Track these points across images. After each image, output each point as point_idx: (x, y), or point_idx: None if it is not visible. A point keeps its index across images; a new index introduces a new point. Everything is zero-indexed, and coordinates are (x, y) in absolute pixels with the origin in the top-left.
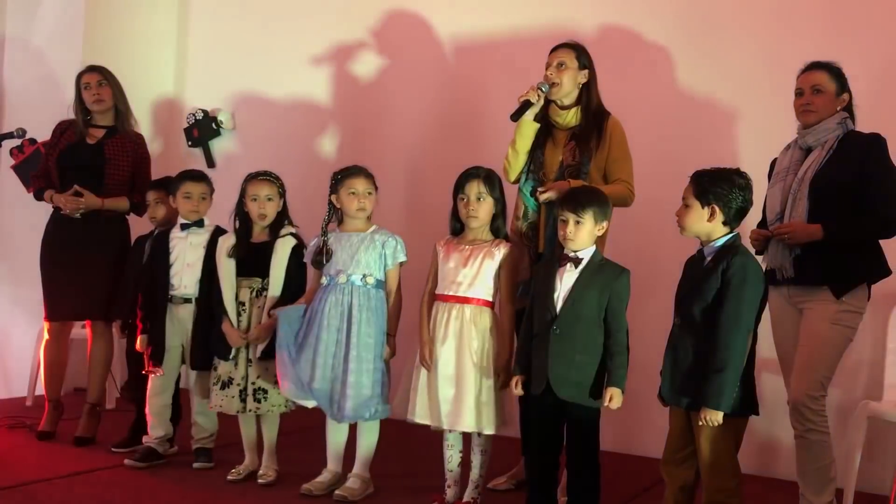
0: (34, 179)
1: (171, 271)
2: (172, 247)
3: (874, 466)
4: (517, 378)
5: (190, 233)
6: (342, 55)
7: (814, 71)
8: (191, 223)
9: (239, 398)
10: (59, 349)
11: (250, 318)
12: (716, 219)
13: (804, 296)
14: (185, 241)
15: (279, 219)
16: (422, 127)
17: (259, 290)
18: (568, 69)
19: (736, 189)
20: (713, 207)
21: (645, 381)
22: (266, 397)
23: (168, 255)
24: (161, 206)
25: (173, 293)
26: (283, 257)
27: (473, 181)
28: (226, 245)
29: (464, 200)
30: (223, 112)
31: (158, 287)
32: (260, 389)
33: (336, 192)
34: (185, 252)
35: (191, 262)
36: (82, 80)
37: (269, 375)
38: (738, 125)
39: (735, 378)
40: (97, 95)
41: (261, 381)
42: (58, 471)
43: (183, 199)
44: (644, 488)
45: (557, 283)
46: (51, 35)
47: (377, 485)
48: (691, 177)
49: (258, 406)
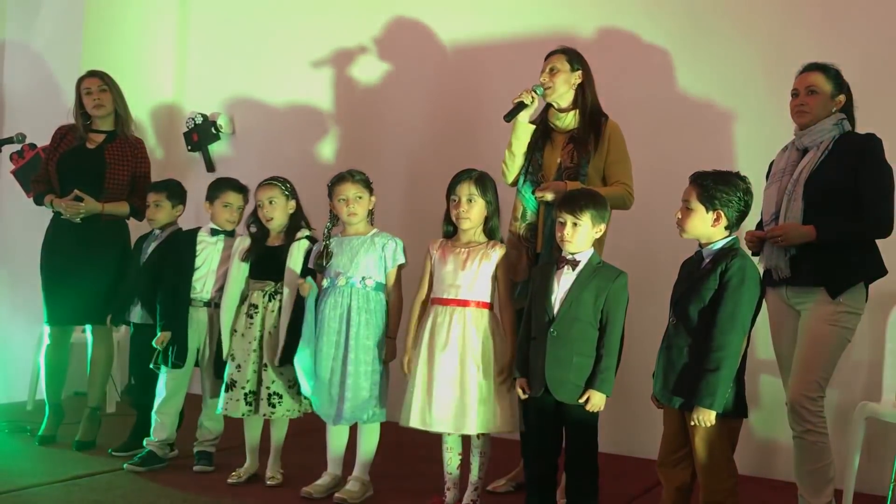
0: (34, 184)
1: (196, 274)
2: (200, 250)
3: (873, 467)
4: (518, 380)
5: (219, 239)
6: (341, 59)
7: (809, 72)
8: (221, 231)
9: (244, 401)
10: (60, 353)
11: (263, 320)
12: (720, 223)
13: (801, 296)
14: (213, 248)
15: (293, 222)
16: (421, 131)
17: (272, 293)
18: (560, 73)
19: (740, 193)
20: (719, 213)
21: (643, 383)
22: (281, 402)
23: (194, 258)
24: (160, 208)
25: (194, 296)
26: (298, 260)
27: (465, 183)
28: (240, 248)
29: (455, 202)
30: (222, 116)
31: (181, 289)
32: (275, 394)
33: (331, 200)
34: (213, 258)
35: (215, 270)
36: (83, 85)
37: (284, 380)
38: (735, 127)
39: (729, 379)
40: (98, 101)
41: (276, 385)
42: (58, 475)
43: (222, 207)
44: (643, 490)
45: (555, 286)
46: (50, 40)
47: (377, 487)
48: (692, 179)
49: (273, 411)
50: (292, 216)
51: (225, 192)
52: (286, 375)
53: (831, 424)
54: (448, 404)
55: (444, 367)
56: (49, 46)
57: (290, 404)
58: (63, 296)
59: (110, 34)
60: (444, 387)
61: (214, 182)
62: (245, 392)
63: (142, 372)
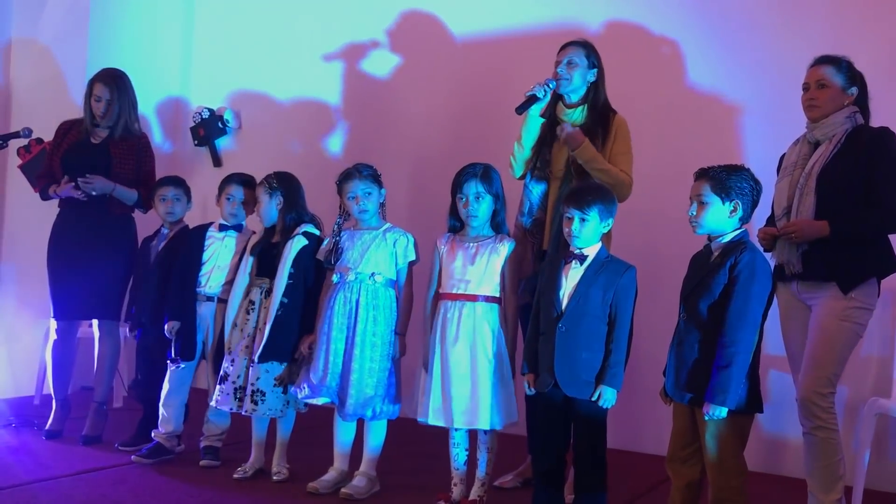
0: (39, 179)
1: (203, 269)
2: (208, 245)
3: (883, 464)
4: (528, 376)
5: (227, 235)
6: (349, 53)
7: (820, 66)
8: (229, 225)
9: (234, 396)
10: (67, 348)
11: (259, 316)
12: (736, 214)
13: (812, 291)
14: (220, 243)
15: (290, 218)
16: (429, 125)
17: (268, 290)
18: (578, 67)
19: (752, 182)
20: (736, 203)
21: (652, 378)
22: (263, 400)
23: (202, 253)
24: (180, 202)
25: (199, 290)
26: (289, 260)
27: (471, 180)
28: (251, 242)
29: (462, 200)
30: (229, 111)
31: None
32: (258, 391)
33: (340, 197)
34: (219, 253)
35: (222, 265)
36: (94, 90)
37: (268, 377)
38: (745, 120)
39: (741, 375)
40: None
41: (260, 383)
42: (65, 469)
43: (225, 200)
44: (651, 486)
45: (563, 281)
46: (57, 35)
47: (383, 483)
48: (700, 174)
49: (254, 408)
50: (286, 211)
51: (228, 185)
52: (272, 374)
53: (841, 421)
54: (462, 400)
55: (455, 363)
56: (55, 43)
57: (274, 403)
58: (70, 290)
59: (116, 30)
60: (457, 382)
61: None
62: (235, 387)
63: (148, 367)
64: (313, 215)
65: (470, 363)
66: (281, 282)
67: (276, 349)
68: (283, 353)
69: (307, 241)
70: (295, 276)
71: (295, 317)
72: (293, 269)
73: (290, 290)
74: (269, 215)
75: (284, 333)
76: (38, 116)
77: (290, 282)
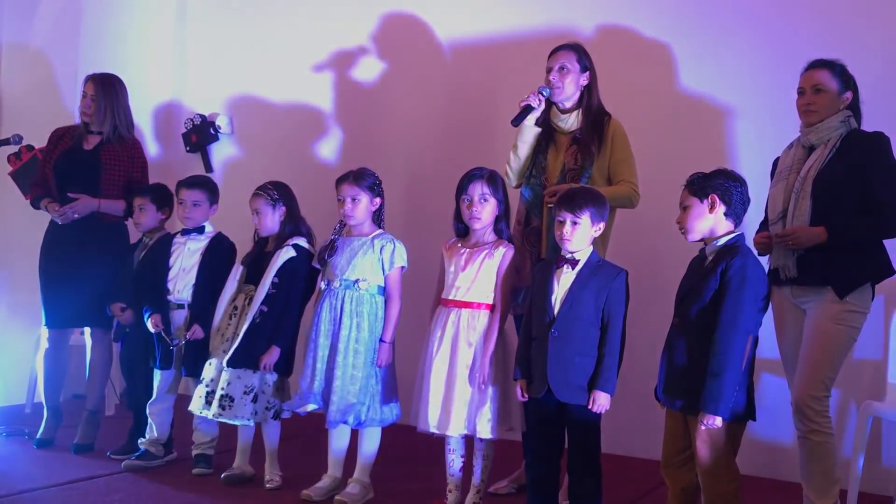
0: (33, 187)
1: (169, 276)
2: (172, 251)
3: (877, 467)
4: (520, 382)
5: (189, 239)
6: (341, 59)
7: (815, 70)
8: (191, 229)
9: (205, 399)
10: (58, 356)
11: (240, 322)
12: (717, 210)
13: (807, 295)
14: (183, 247)
15: (287, 229)
16: (422, 131)
17: (253, 297)
18: (570, 72)
19: (731, 180)
20: (712, 198)
21: (647, 383)
22: (231, 406)
23: (168, 260)
24: (144, 212)
25: (169, 298)
26: (274, 269)
27: (477, 182)
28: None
29: (466, 202)
30: (221, 117)
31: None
32: (227, 397)
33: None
34: (182, 257)
35: (186, 268)
36: (84, 88)
37: (241, 385)
38: (738, 124)
39: (733, 382)
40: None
41: (230, 388)
42: (56, 479)
43: (178, 204)
44: (646, 491)
45: (555, 285)
46: (49, 40)
47: (378, 489)
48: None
49: (220, 412)
50: (286, 222)
51: (178, 190)
52: (243, 381)
53: (836, 424)
54: (460, 407)
55: (450, 369)
56: (47, 48)
57: (241, 411)
58: (62, 298)
59: (109, 35)
60: (453, 389)
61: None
62: (208, 391)
63: (132, 375)
64: (309, 228)
65: (447, 370)
66: (262, 289)
67: (247, 356)
68: (254, 361)
69: (295, 252)
70: (278, 287)
71: (271, 326)
72: (277, 278)
73: (271, 300)
74: (271, 226)
75: (258, 342)
76: (29, 123)
77: (272, 291)
